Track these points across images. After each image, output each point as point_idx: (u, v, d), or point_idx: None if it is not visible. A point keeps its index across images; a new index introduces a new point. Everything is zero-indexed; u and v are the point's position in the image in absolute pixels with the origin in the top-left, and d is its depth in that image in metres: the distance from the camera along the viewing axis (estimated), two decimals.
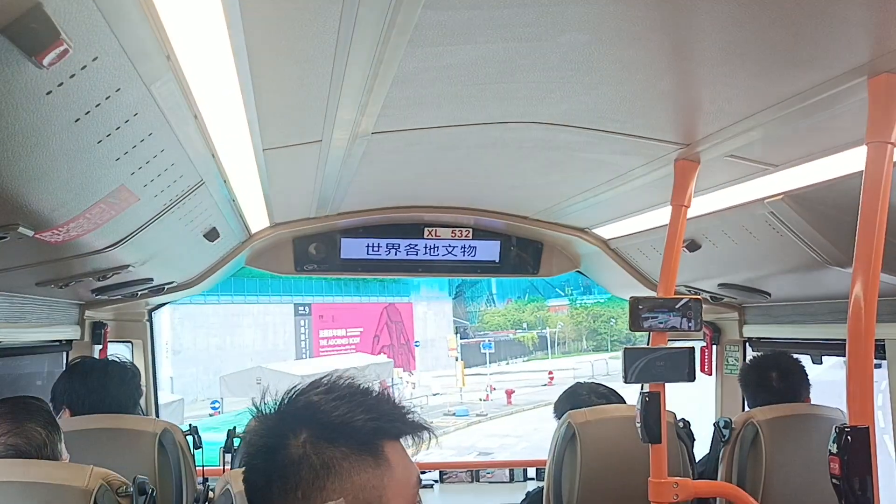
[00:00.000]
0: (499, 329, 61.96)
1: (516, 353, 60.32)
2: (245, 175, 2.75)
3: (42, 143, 1.43)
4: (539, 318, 64.34)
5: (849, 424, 1.85)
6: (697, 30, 1.71)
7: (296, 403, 1.34)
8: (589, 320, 64.11)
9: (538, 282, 61.68)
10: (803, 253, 2.87)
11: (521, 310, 64.31)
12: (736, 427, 3.28)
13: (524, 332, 62.62)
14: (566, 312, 64.61)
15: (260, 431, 1.35)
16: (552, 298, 65.10)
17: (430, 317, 54.32)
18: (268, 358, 39.57)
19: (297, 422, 1.32)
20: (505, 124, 2.52)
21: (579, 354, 60.85)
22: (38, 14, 1.07)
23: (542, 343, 62.58)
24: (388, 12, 1.53)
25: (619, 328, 63.44)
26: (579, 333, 64.61)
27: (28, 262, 2.41)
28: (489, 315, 64.14)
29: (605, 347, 62.94)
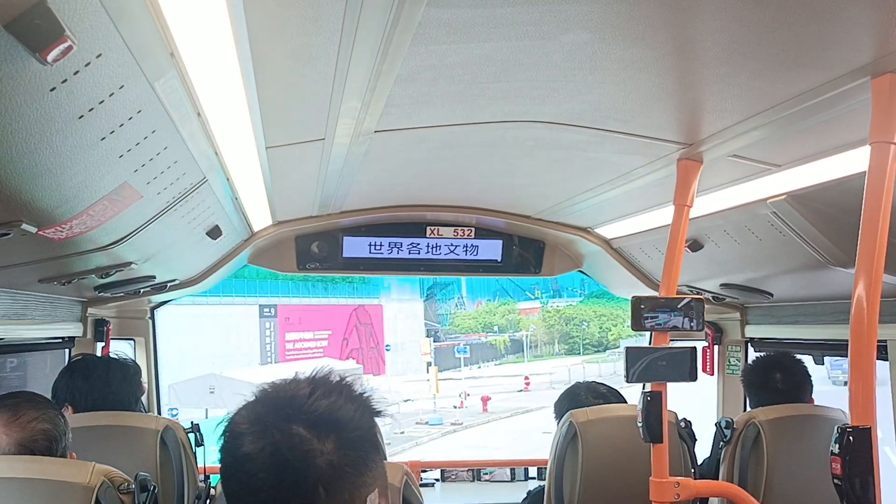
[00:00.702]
0: (470, 332, 61.11)
1: (488, 356, 59.36)
2: (248, 173, 2.76)
3: (45, 139, 1.44)
4: (510, 321, 63.65)
5: (850, 425, 1.85)
6: (700, 29, 1.71)
7: (303, 409, 1.30)
8: (561, 323, 63.55)
9: (508, 284, 59.72)
10: (806, 253, 2.87)
11: (493, 312, 63.63)
12: (737, 427, 3.27)
13: (496, 336, 61.83)
14: (538, 315, 63.94)
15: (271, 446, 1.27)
16: (522, 301, 64.44)
17: (400, 319, 52.85)
18: (231, 363, 36.68)
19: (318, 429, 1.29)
20: (508, 123, 2.52)
21: (552, 358, 59.88)
22: (42, 10, 1.07)
23: (515, 346, 61.59)
24: (391, 10, 1.53)
25: (592, 331, 63.34)
26: (551, 337, 63.97)
27: (31, 259, 2.41)
28: (460, 318, 63.26)
29: (578, 351, 62.40)
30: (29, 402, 2.34)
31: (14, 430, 2.24)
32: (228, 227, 3.48)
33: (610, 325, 63.27)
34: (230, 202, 3.11)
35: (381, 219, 4.44)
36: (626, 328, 63.24)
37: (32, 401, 2.36)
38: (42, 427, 2.28)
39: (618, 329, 62.43)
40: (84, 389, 3.15)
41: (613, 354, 57.10)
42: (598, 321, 63.66)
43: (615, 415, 3.20)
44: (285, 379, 1.37)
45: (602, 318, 63.85)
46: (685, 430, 3.28)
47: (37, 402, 2.37)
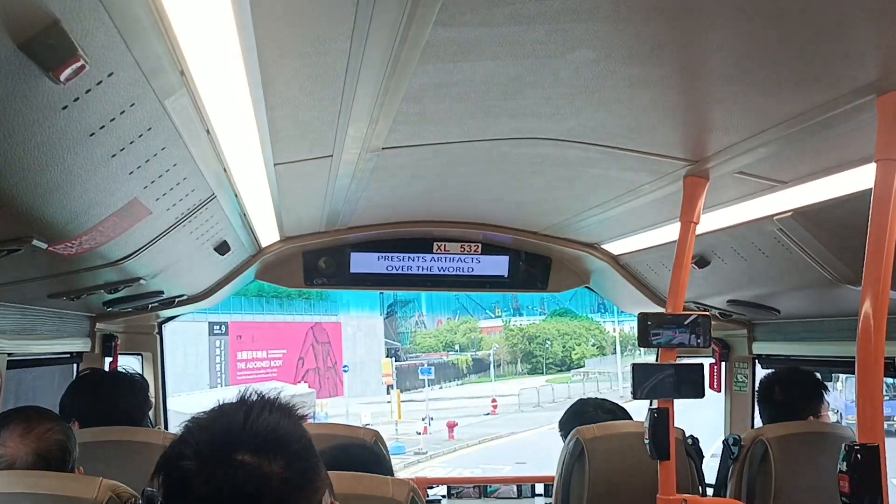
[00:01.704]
0: (431, 350, 58.89)
1: (450, 376, 56.79)
2: (256, 189, 2.77)
3: (57, 157, 1.45)
4: (472, 340, 61.60)
5: (858, 442, 1.84)
6: (706, 48, 1.73)
7: (243, 436, 1.29)
8: (524, 342, 61.74)
9: (467, 301, 57.46)
10: (812, 270, 2.86)
11: (453, 331, 61.54)
12: (745, 444, 3.26)
13: (457, 355, 59.63)
14: (500, 334, 62.23)
15: (223, 482, 1.26)
16: (483, 318, 62.53)
17: (359, 337, 49.50)
18: (177, 386, 32.10)
19: (265, 452, 1.29)
20: (514, 140, 2.53)
21: (514, 378, 58.02)
22: (56, 31, 1.09)
23: (477, 365, 59.47)
24: (399, 29, 1.55)
25: (555, 350, 61.21)
26: (514, 356, 62.05)
27: (41, 275, 2.43)
28: (421, 336, 61.10)
29: (541, 370, 60.34)
30: (40, 414, 2.36)
31: (30, 440, 2.25)
32: (236, 242, 3.50)
33: (573, 343, 61.72)
34: (238, 218, 3.13)
35: (388, 234, 4.46)
36: (589, 347, 61.35)
37: (44, 414, 2.38)
38: (57, 438, 2.30)
39: (581, 348, 61.11)
40: (92, 404, 3.15)
41: (578, 374, 55.41)
42: (561, 340, 62.03)
43: (622, 431, 3.19)
44: (214, 408, 1.36)
45: (565, 337, 62.17)
46: (692, 446, 3.27)
47: (48, 414, 2.39)
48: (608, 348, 62.95)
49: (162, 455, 1.35)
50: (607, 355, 61.97)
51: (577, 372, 57.54)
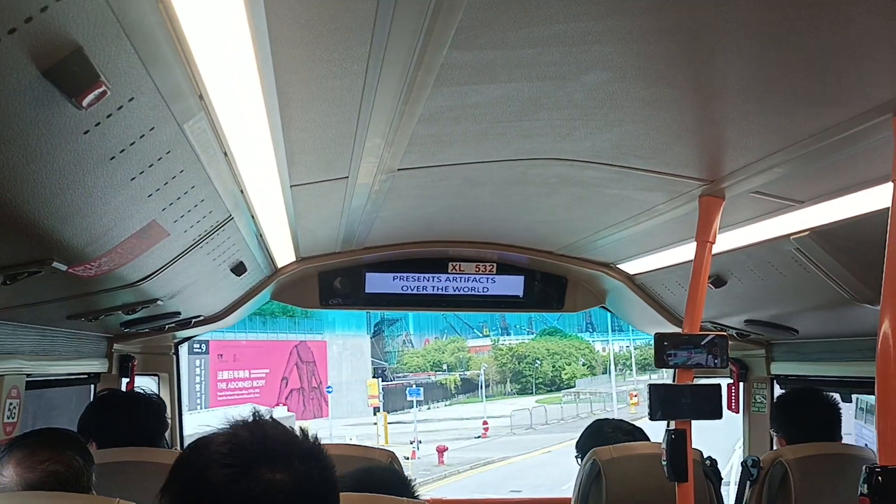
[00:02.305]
0: (419, 370, 57.32)
1: (438, 396, 55.06)
2: (272, 210, 2.79)
3: (78, 180, 1.47)
4: (460, 359, 59.95)
5: (879, 464, 1.82)
6: (720, 68, 1.73)
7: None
8: (513, 361, 60.18)
9: (455, 321, 56.83)
10: (830, 289, 2.84)
11: (441, 350, 59.97)
12: (764, 466, 3.22)
13: (445, 374, 57.87)
14: (488, 353, 60.55)
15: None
16: (471, 338, 61.38)
17: (345, 357, 47.88)
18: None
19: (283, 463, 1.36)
20: (529, 161, 2.54)
21: (503, 398, 56.50)
22: (79, 57, 1.11)
23: (466, 385, 57.70)
24: (414, 53, 1.56)
25: (545, 370, 59.65)
26: (503, 376, 60.35)
27: (60, 296, 2.45)
28: (408, 356, 59.43)
29: (530, 390, 58.75)
30: (46, 442, 2.34)
31: (24, 470, 2.24)
32: (253, 263, 3.52)
33: (563, 363, 60.27)
34: (255, 239, 3.15)
35: (403, 255, 4.46)
36: (580, 367, 60.12)
37: (52, 440, 2.36)
38: (52, 469, 2.27)
39: (572, 368, 59.78)
40: (109, 425, 3.16)
41: (569, 394, 54.29)
42: (550, 359, 60.57)
43: (639, 453, 3.17)
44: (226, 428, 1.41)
45: (555, 357, 60.67)
46: (710, 468, 3.23)
47: (56, 441, 2.36)
48: (598, 368, 61.70)
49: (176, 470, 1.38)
50: (597, 375, 60.74)
51: (567, 392, 56.29)
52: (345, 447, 3.24)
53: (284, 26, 1.43)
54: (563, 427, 39.86)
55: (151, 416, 3.30)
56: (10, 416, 3.03)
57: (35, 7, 0.98)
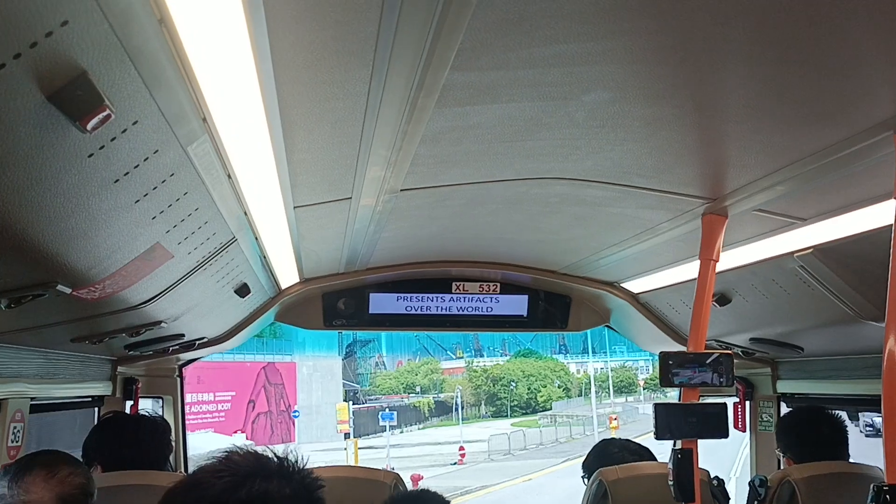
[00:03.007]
0: (391, 392, 56.54)
1: (411, 419, 53.79)
2: (276, 232, 2.80)
3: (83, 203, 1.48)
4: (433, 381, 59.05)
5: (887, 483, 1.81)
6: (721, 87, 1.74)
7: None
8: (488, 384, 59.30)
9: (428, 342, 55.91)
10: (835, 307, 2.84)
11: (414, 372, 59.01)
12: (772, 485, 3.20)
13: (418, 397, 56.97)
14: (462, 375, 59.64)
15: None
16: (444, 359, 60.52)
17: (316, 378, 46.68)
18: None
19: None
20: (531, 180, 2.55)
21: (478, 421, 55.53)
22: (83, 81, 1.12)
23: (440, 408, 56.77)
24: (416, 74, 1.58)
25: (520, 392, 58.78)
26: (478, 398, 59.40)
27: (64, 319, 2.45)
28: (381, 378, 58.54)
29: (505, 413, 58.08)
30: (61, 458, 2.39)
31: (54, 484, 2.28)
32: (256, 285, 3.52)
33: (539, 385, 59.61)
34: (258, 261, 3.15)
35: (406, 275, 4.47)
36: (556, 389, 59.28)
37: (64, 457, 2.41)
38: (79, 481, 2.34)
39: (548, 390, 58.99)
40: (114, 448, 3.15)
41: (546, 417, 53.64)
42: (526, 381, 59.85)
43: (646, 473, 3.15)
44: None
45: (531, 379, 59.97)
46: (717, 488, 3.21)
47: (69, 458, 2.42)
48: (573, 390, 61.21)
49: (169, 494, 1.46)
50: (573, 397, 60.29)
51: (543, 415, 55.55)
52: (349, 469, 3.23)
53: (287, 49, 1.44)
54: (543, 452, 39.27)
55: (156, 439, 3.29)
56: (15, 440, 3.02)
57: (40, 32, 0.99)
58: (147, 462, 3.13)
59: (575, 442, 43.05)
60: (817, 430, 3.35)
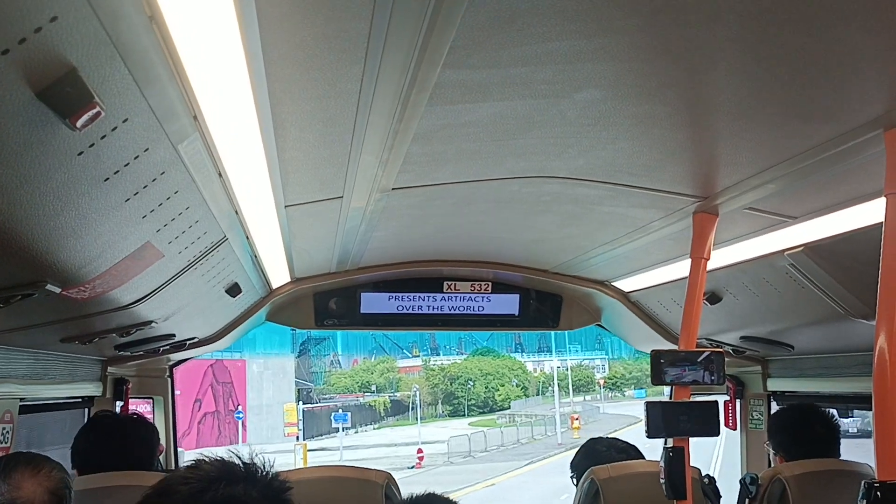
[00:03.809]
0: (346, 391, 55.92)
1: (366, 419, 52.90)
2: (267, 231, 2.79)
3: (72, 202, 1.47)
4: (389, 380, 58.59)
5: (878, 480, 1.81)
6: (712, 85, 1.74)
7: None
8: (445, 382, 58.77)
9: (384, 341, 55.15)
10: (825, 305, 2.85)
11: (370, 370, 58.48)
12: (763, 483, 3.21)
13: (374, 396, 56.21)
14: (419, 374, 59.08)
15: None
16: (401, 358, 60.06)
17: (267, 377, 45.15)
18: (54, 438, 24.39)
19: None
20: (523, 179, 2.55)
21: (435, 420, 54.80)
22: (73, 78, 1.11)
23: (395, 407, 56.07)
24: (408, 72, 1.57)
25: (478, 391, 58.39)
26: (434, 397, 58.87)
27: (53, 319, 2.44)
28: (336, 376, 57.89)
29: (463, 412, 57.53)
30: (40, 457, 2.43)
31: (42, 479, 2.33)
32: (247, 284, 3.51)
33: (497, 384, 59.14)
34: (249, 260, 3.14)
35: (398, 274, 4.46)
36: (514, 388, 59.13)
37: (42, 456, 2.44)
38: (62, 476, 2.40)
39: (506, 389, 58.49)
40: (107, 448, 3.13)
41: (504, 417, 53.08)
42: (483, 380, 59.34)
43: (637, 471, 3.15)
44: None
45: (488, 377, 59.48)
46: (709, 486, 3.22)
47: (45, 457, 2.45)
48: (531, 389, 61.02)
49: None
50: (531, 396, 60.04)
51: (502, 414, 55.12)
52: (339, 469, 3.22)
53: (278, 46, 1.43)
54: (505, 454, 38.10)
55: (145, 440, 3.27)
56: (3, 441, 3.00)
57: (29, 28, 0.98)
58: (135, 462, 3.12)
59: (537, 443, 42.13)
60: (811, 428, 3.36)
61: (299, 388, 50.05)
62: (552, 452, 37.49)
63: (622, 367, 67.59)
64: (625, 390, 66.64)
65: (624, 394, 66.00)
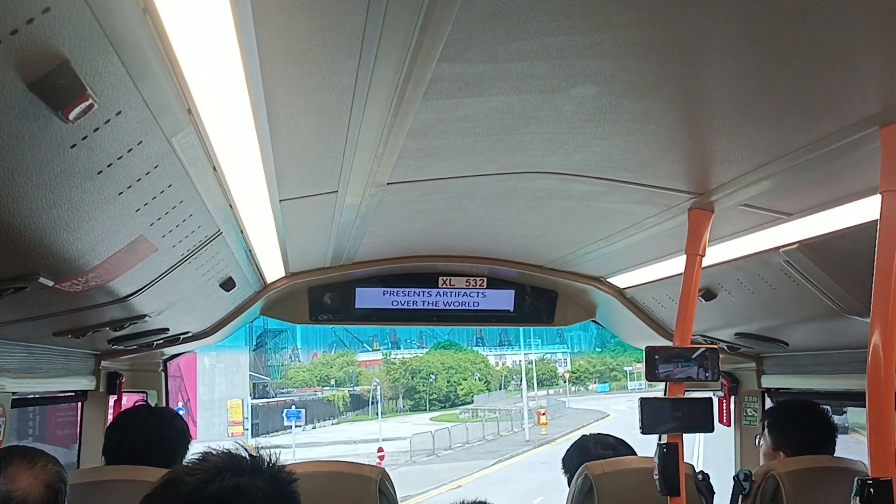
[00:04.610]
0: (305, 386, 54.67)
1: (324, 414, 51.39)
2: (261, 225, 2.78)
3: (64, 194, 1.46)
4: (349, 374, 57.39)
5: (871, 476, 1.82)
6: (708, 81, 1.74)
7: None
8: (406, 376, 57.83)
9: (344, 335, 54.01)
10: (820, 302, 2.85)
11: (329, 364, 57.34)
12: (756, 480, 3.21)
13: (333, 390, 55.06)
14: (380, 368, 58.07)
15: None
16: (361, 352, 58.93)
17: (219, 371, 44.01)
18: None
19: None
20: (518, 174, 2.54)
21: (395, 415, 53.34)
22: (65, 70, 1.10)
23: (355, 402, 54.87)
24: (403, 66, 1.56)
25: (439, 385, 57.27)
26: (395, 391, 57.68)
27: (46, 313, 2.43)
28: (294, 370, 56.76)
29: (424, 407, 56.55)
30: (35, 451, 2.43)
31: (37, 472, 2.33)
32: (242, 279, 3.50)
33: (459, 378, 58.11)
34: (244, 254, 3.13)
35: (393, 269, 4.46)
36: (476, 382, 58.23)
37: (36, 450, 2.44)
38: (57, 470, 2.39)
39: (468, 383, 57.69)
40: (138, 441, 3.09)
41: (466, 412, 52.31)
42: (445, 374, 58.17)
43: (631, 467, 3.16)
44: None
45: (450, 371, 58.32)
46: (703, 482, 3.22)
47: (40, 451, 2.46)
48: (494, 383, 60.14)
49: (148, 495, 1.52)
50: (493, 391, 59.20)
51: (464, 409, 54.21)
52: (335, 464, 3.21)
53: (273, 40, 1.42)
54: (471, 453, 36.43)
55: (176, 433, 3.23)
56: None
57: (21, 19, 0.97)
58: (168, 456, 3.08)
59: (503, 440, 40.66)
60: (815, 424, 3.36)
61: (254, 382, 49.00)
62: (521, 450, 36.50)
63: (586, 361, 66.82)
64: (588, 384, 65.98)
65: (587, 388, 65.32)
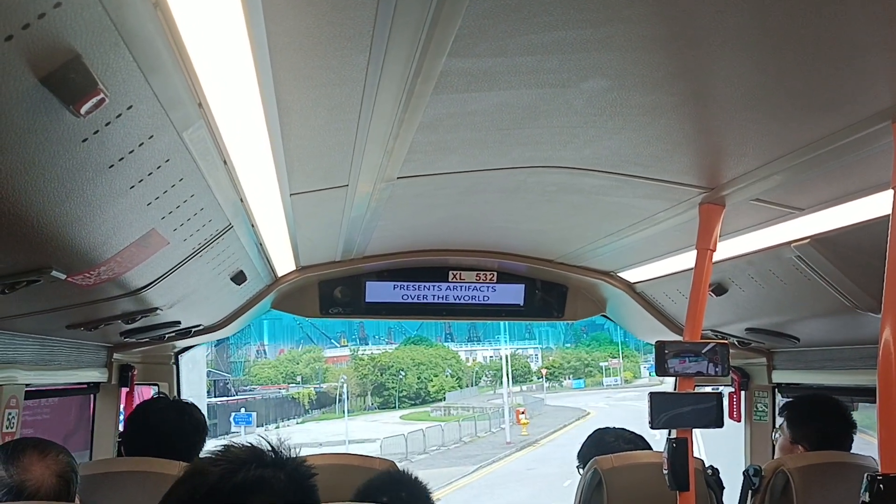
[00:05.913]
0: (269, 383, 53.03)
1: (289, 412, 49.58)
2: (272, 219, 2.79)
3: (76, 188, 1.47)
4: (315, 371, 55.58)
5: (881, 472, 1.81)
6: (720, 76, 1.73)
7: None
8: (375, 373, 56.01)
9: (312, 330, 52.84)
10: (831, 297, 2.84)
11: (296, 361, 55.71)
12: (766, 475, 3.20)
13: (298, 388, 53.36)
14: (347, 364, 56.52)
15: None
16: (328, 348, 57.54)
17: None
18: None
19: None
20: (529, 169, 2.54)
21: (364, 413, 51.93)
22: (77, 65, 1.10)
23: (321, 399, 53.18)
24: (413, 60, 1.56)
25: (409, 382, 55.52)
26: (363, 388, 56.04)
27: (59, 306, 2.45)
28: (258, 367, 54.96)
29: (393, 404, 54.89)
30: (46, 442, 2.45)
31: (50, 463, 2.35)
32: (252, 272, 3.51)
33: (430, 374, 56.38)
34: (255, 248, 3.15)
35: (403, 263, 4.46)
36: (448, 379, 56.37)
37: (47, 441, 2.47)
38: (68, 460, 2.41)
39: (439, 380, 56.10)
40: (157, 434, 3.09)
41: (438, 409, 50.80)
42: (416, 370, 56.46)
43: (641, 462, 3.15)
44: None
45: (421, 367, 56.62)
46: (712, 477, 3.22)
47: (51, 442, 2.48)
48: (465, 379, 58.51)
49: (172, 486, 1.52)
50: (465, 387, 57.61)
51: (435, 406, 52.47)
52: (345, 456, 3.23)
53: (283, 34, 1.43)
54: (448, 457, 33.88)
55: (195, 425, 3.24)
56: (9, 426, 3.02)
57: (33, 14, 0.98)
58: (187, 449, 3.08)
59: (482, 441, 37.46)
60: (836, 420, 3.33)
61: (214, 379, 46.67)
62: (502, 453, 33.85)
63: (559, 356, 65.07)
64: (562, 380, 63.98)
65: (562, 384, 63.35)
